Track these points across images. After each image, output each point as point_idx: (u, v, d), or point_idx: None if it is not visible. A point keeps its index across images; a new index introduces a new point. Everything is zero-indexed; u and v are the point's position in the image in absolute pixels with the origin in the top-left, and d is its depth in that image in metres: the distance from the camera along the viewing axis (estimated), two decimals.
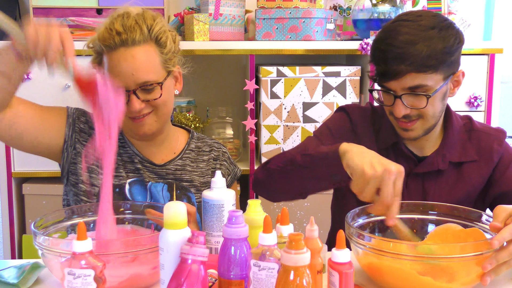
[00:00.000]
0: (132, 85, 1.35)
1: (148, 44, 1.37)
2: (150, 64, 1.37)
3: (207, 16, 2.16)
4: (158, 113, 1.40)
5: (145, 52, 1.37)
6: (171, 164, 1.50)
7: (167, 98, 1.41)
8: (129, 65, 1.35)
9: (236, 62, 2.59)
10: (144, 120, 1.39)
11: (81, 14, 2.21)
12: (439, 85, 1.33)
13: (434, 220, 1.30)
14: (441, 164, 1.42)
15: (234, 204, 1.15)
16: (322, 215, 1.91)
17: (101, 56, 1.39)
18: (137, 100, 1.36)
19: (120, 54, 1.35)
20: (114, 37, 1.35)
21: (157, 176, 1.47)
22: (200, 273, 0.92)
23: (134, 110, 1.36)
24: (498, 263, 1.08)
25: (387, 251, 1.08)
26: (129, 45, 1.35)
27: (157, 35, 1.39)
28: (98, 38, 1.38)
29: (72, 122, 1.43)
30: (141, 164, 1.47)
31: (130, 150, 1.47)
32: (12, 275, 1.16)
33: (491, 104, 2.25)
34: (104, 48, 1.37)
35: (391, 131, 1.46)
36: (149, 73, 1.37)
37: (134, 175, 1.46)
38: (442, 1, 2.34)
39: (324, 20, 2.20)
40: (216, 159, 1.56)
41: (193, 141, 1.56)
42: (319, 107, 2.21)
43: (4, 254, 2.20)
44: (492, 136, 1.46)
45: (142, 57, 1.36)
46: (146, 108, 1.38)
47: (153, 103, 1.38)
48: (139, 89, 1.36)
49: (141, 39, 1.36)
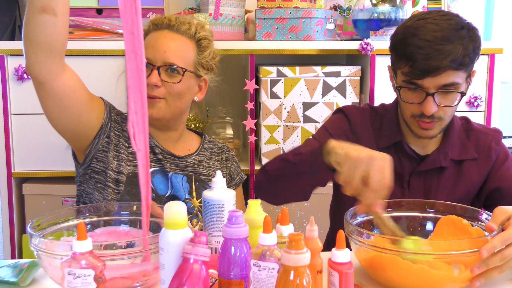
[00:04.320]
0: (159, 61, 1.44)
1: (190, 40, 1.49)
2: (184, 53, 1.47)
3: (207, 16, 2.16)
4: (170, 101, 1.46)
5: (184, 42, 1.47)
6: (190, 158, 1.56)
7: (183, 91, 1.47)
8: (166, 43, 1.45)
9: (236, 62, 2.59)
10: (154, 102, 1.44)
11: (81, 14, 2.21)
12: (465, 85, 1.37)
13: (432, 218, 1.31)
14: (443, 162, 1.45)
15: (234, 204, 1.15)
16: (322, 215, 1.91)
17: (145, 36, 1.47)
18: (156, 75, 1.43)
19: (162, 33, 1.47)
20: (163, 20, 1.48)
21: (177, 167, 1.53)
22: (202, 273, 0.92)
23: (151, 82, 1.41)
24: (489, 267, 1.07)
25: (386, 248, 1.08)
26: (174, 31, 1.47)
27: (201, 38, 1.50)
28: (151, 20, 1.51)
29: (109, 111, 1.49)
30: (162, 155, 1.52)
31: (152, 142, 1.51)
32: (8, 274, 1.16)
33: (491, 104, 2.25)
34: (151, 26, 1.49)
35: (395, 130, 1.47)
36: (180, 58, 1.45)
37: (156, 165, 1.50)
38: (442, 1, 2.34)
39: (324, 20, 2.20)
40: (228, 160, 1.65)
41: (205, 142, 1.64)
42: (319, 107, 2.21)
43: (4, 254, 2.19)
44: (490, 135, 1.50)
45: (180, 44, 1.46)
46: (161, 90, 1.44)
47: (170, 86, 1.44)
48: (163, 67, 1.44)
49: (187, 32, 1.48)
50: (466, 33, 1.33)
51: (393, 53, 1.41)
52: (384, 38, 2.21)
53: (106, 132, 1.46)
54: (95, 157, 1.46)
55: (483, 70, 2.23)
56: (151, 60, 1.44)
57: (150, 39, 1.48)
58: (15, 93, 2.11)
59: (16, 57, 2.10)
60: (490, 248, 1.06)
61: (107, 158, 1.45)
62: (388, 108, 1.53)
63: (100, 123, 1.45)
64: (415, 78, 1.34)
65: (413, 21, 1.37)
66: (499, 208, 1.15)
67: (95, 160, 1.46)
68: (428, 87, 1.33)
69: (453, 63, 1.30)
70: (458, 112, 1.43)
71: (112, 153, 1.46)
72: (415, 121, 1.39)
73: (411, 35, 1.34)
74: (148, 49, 1.43)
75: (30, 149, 2.11)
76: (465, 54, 1.31)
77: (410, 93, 1.37)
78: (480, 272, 1.07)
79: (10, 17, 2.35)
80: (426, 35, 1.31)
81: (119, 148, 1.47)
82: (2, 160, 2.12)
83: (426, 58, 1.30)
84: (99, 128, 1.45)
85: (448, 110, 1.37)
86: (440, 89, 1.33)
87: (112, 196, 1.44)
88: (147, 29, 1.50)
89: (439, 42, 1.30)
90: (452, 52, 1.29)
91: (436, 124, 1.38)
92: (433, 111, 1.34)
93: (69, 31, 2.14)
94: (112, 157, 1.46)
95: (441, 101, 1.35)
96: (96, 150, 1.45)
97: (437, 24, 1.32)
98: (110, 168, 1.45)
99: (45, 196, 2.17)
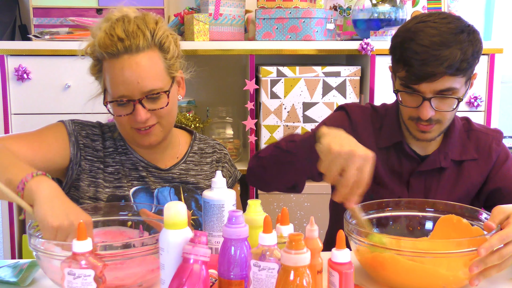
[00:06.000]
0: (137, 94, 1.30)
1: (151, 50, 1.32)
2: (155, 71, 1.32)
3: (207, 16, 2.16)
4: (164, 123, 1.36)
5: (149, 59, 1.31)
6: (176, 168, 1.47)
7: (172, 107, 1.37)
8: (134, 73, 1.29)
9: (236, 62, 2.59)
10: (150, 131, 1.35)
11: (81, 14, 2.21)
12: (464, 88, 1.36)
13: (432, 217, 1.31)
14: (443, 162, 1.45)
15: (234, 204, 1.15)
16: (322, 215, 1.91)
17: (101, 63, 1.33)
18: (142, 109, 1.31)
19: (123, 61, 1.29)
20: (116, 44, 1.28)
21: (163, 180, 1.45)
22: (202, 273, 0.92)
23: (140, 120, 1.31)
24: (487, 266, 1.07)
25: (385, 247, 1.08)
26: (133, 52, 1.29)
27: (161, 40, 1.33)
28: (99, 44, 1.30)
29: (75, 140, 1.39)
30: (146, 170, 1.44)
31: (134, 157, 1.43)
32: (8, 274, 1.16)
33: (491, 104, 2.25)
34: (106, 55, 1.30)
35: (395, 130, 1.46)
36: (155, 80, 1.32)
37: (138, 183, 1.42)
38: (442, 1, 2.34)
39: (324, 20, 2.20)
40: (219, 161, 1.56)
41: (195, 143, 1.55)
42: (319, 107, 2.21)
43: (4, 254, 2.19)
44: (491, 136, 1.50)
45: (146, 64, 1.30)
46: (151, 119, 1.34)
47: (159, 112, 1.33)
48: (144, 98, 1.31)
49: (145, 45, 1.30)
50: (466, 37, 1.31)
51: (392, 56, 1.41)
52: (384, 38, 2.21)
53: (77, 162, 1.38)
54: (72, 186, 1.39)
55: (483, 70, 2.23)
56: (128, 96, 1.30)
57: (113, 73, 1.30)
58: (15, 93, 2.11)
59: (16, 57, 2.10)
60: (488, 246, 1.06)
61: (81, 188, 1.38)
62: (389, 108, 1.52)
63: (68, 158, 1.37)
64: (411, 83, 1.34)
65: (413, 24, 1.36)
66: (498, 208, 1.15)
67: (73, 188, 1.40)
68: (424, 92, 1.33)
69: (449, 69, 1.29)
70: (458, 112, 1.43)
71: (87, 182, 1.38)
72: (414, 123, 1.39)
73: (409, 39, 1.33)
74: (117, 86, 1.30)
75: None
76: (463, 59, 1.29)
77: (408, 96, 1.37)
78: (478, 271, 1.08)
79: (10, 17, 2.36)
80: (423, 40, 1.30)
81: (95, 174, 1.39)
82: None
83: (422, 63, 1.30)
84: (69, 162, 1.37)
85: (446, 114, 1.36)
86: (437, 94, 1.33)
87: None
88: (99, 55, 1.31)
89: (436, 48, 1.29)
90: (449, 58, 1.28)
91: (434, 127, 1.38)
92: (430, 116, 1.34)
93: (69, 31, 2.15)
94: (87, 185, 1.38)
95: (438, 105, 1.34)
96: (72, 180, 1.39)
97: (436, 28, 1.31)
98: (86, 197, 1.38)
99: None
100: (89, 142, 1.41)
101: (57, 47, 2.09)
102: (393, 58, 1.41)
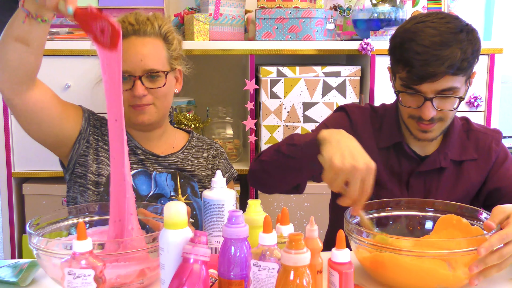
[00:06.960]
0: (138, 71, 1.43)
1: (157, 38, 1.48)
2: (158, 55, 1.46)
3: (207, 16, 2.16)
4: (158, 104, 1.47)
5: (154, 44, 1.47)
6: (173, 156, 1.56)
7: (168, 91, 1.49)
8: (138, 51, 1.44)
9: (236, 62, 2.59)
10: (144, 109, 1.46)
11: None
12: (464, 87, 1.36)
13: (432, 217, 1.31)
14: (443, 162, 1.45)
15: (234, 204, 1.15)
16: (322, 215, 1.91)
17: None
18: (141, 85, 1.43)
19: (130, 41, 1.44)
20: (127, 27, 1.45)
21: (160, 166, 1.53)
22: (202, 273, 0.92)
23: (138, 94, 1.42)
24: (487, 265, 1.08)
25: (386, 247, 1.08)
26: (140, 35, 1.46)
27: (166, 32, 1.49)
28: None
29: (87, 117, 1.50)
30: (144, 156, 1.52)
31: (133, 143, 1.52)
32: (8, 274, 1.16)
33: (491, 104, 2.25)
34: None
35: (395, 131, 1.47)
36: (156, 62, 1.45)
37: (138, 166, 1.51)
38: (442, 1, 2.34)
39: (324, 20, 2.20)
40: (215, 157, 1.63)
41: (193, 139, 1.63)
42: (319, 107, 2.21)
43: (4, 254, 2.20)
44: (490, 136, 1.50)
45: (151, 47, 1.46)
46: (148, 97, 1.45)
47: (155, 92, 1.45)
48: (144, 76, 1.44)
49: (152, 32, 1.47)
50: (465, 36, 1.32)
51: (392, 56, 1.41)
52: (384, 38, 2.21)
53: (86, 137, 1.48)
54: (77, 162, 1.48)
55: (483, 70, 2.23)
56: (130, 71, 1.43)
57: None
58: None
59: None
60: (488, 246, 1.06)
61: (87, 162, 1.47)
62: (389, 108, 1.52)
63: (78, 129, 1.47)
64: (412, 84, 1.34)
65: (411, 24, 1.36)
66: (498, 207, 1.16)
67: (78, 165, 1.48)
68: (426, 92, 1.33)
69: (450, 69, 1.29)
70: (458, 112, 1.43)
71: (92, 157, 1.48)
72: (414, 122, 1.39)
73: (409, 39, 1.33)
74: (122, 63, 1.38)
75: (30, 149, 2.10)
76: (463, 58, 1.30)
77: (409, 97, 1.37)
78: (478, 271, 1.08)
79: (10, 17, 2.35)
80: (424, 40, 1.31)
81: (98, 152, 1.49)
82: (2, 160, 2.12)
83: (423, 64, 1.30)
84: (78, 134, 1.47)
85: (448, 112, 1.37)
86: (438, 94, 1.33)
87: (92, 198, 1.46)
88: None
89: (436, 48, 1.29)
90: (449, 58, 1.29)
91: (436, 126, 1.38)
92: (432, 115, 1.34)
93: (69, 31, 2.15)
94: (92, 160, 1.48)
95: (439, 105, 1.35)
96: (77, 155, 1.48)
97: (435, 28, 1.31)
98: (90, 171, 1.47)
99: (45, 196, 2.17)
100: (98, 125, 1.52)
101: (57, 47, 2.09)
102: (392, 59, 1.41)
